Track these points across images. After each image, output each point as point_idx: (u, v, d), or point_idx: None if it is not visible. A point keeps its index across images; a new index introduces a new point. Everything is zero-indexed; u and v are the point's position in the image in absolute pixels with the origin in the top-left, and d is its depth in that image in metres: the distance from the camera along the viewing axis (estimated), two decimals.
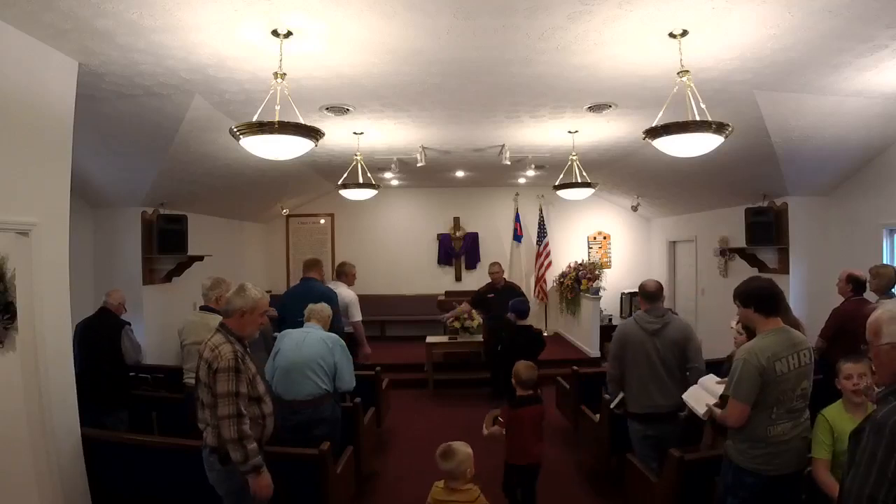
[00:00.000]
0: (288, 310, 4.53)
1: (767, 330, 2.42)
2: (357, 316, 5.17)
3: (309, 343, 3.53)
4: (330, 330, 3.76)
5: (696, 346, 3.42)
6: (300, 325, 3.75)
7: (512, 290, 6.34)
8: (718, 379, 2.89)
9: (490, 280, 6.58)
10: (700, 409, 2.70)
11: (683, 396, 2.85)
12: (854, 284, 4.23)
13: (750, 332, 3.54)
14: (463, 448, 2.48)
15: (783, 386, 2.32)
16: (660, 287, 3.55)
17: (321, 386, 3.46)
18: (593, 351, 7.95)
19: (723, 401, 2.52)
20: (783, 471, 2.33)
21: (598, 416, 4.26)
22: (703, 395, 2.79)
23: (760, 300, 2.45)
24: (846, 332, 3.89)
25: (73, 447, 3.20)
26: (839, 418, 2.37)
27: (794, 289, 5.78)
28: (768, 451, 2.33)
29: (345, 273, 5.38)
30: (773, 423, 2.33)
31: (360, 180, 5.78)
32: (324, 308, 3.79)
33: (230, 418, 2.40)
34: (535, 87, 3.98)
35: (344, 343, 3.67)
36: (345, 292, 5.09)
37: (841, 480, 1.54)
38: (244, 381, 2.50)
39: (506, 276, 7.20)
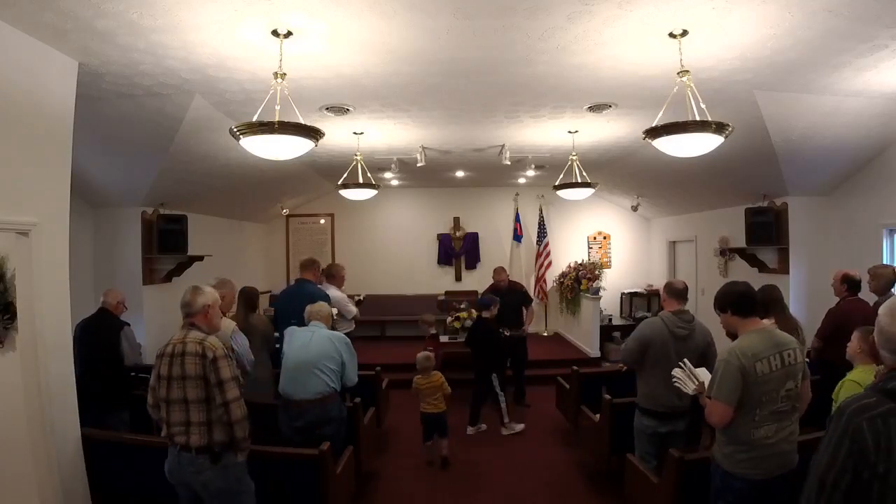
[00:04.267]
0: (281, 310, 4.64)
1: (748, 330, 2.42)
2: (352, 312, 5.15)
3: (316, 342, 3.56)
4: None
5: (714, 351, 3.40)
6: (293, 325, 3.76)
7: (517, 292, 6.26)
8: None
9: (492, 283, 6.32)
10: (690, 386, 2.68)
11: (672, 372, 2.80)
12: (849, 284, 4.22)
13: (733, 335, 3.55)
14: (432, 354, 4.70)
15: (765, 387, 2.29)
16: (686, 287, 3.50)
17: (329, 384, 3.49)
18: (593, 351, 7.94)
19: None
20: (770, 475, 2.31)
21: (598, 416, 4.26)
22: (698, 375, 2.74)
23: (735, 303, 2.48)
24: (842, 332, 3.86)
25: (73, 447, 3.21)
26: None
27: (794, 289, 5.79)
28: (753, 455, 2.30)
29: (333, 275, 5.25)
30: (757, 426, 2.29)
31: (360, 180, 5.78)
32: (322, 307, 3.81)
33: (238, 400, 2.51)
34: (535, 87, 3.98)
35: (349, 340, 3.71)
36: (334, 294, 4.96)
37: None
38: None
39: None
